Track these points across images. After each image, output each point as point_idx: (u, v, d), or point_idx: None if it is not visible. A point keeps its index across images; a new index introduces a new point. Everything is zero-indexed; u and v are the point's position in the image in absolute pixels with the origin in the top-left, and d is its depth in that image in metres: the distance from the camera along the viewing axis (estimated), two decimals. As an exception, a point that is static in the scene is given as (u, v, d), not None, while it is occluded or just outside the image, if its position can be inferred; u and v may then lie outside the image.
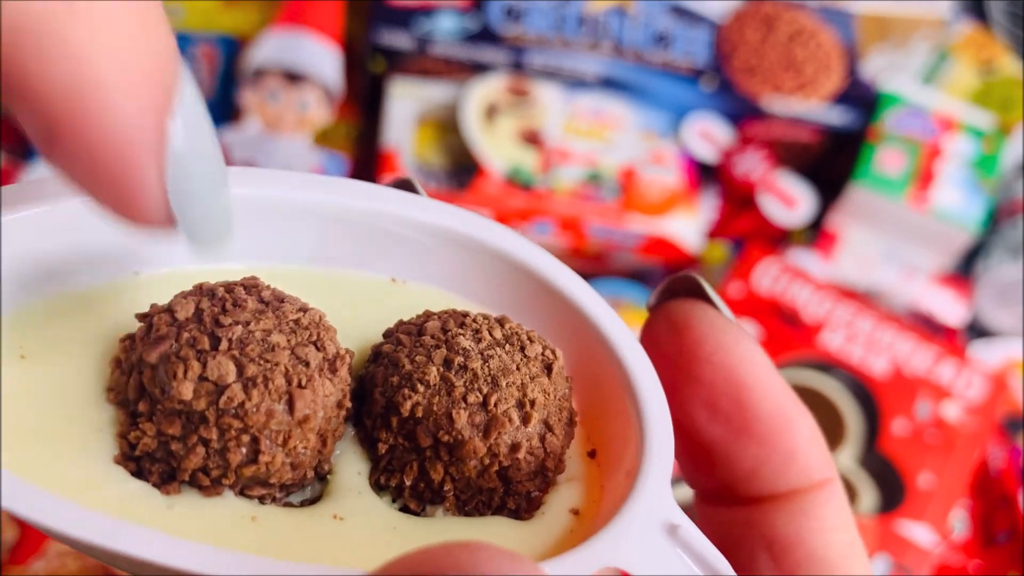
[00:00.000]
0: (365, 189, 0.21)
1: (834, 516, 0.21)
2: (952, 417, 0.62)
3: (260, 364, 0.18)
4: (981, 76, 0.85)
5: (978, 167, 0.75)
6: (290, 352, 0.18)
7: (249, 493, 0.19)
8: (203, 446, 0.18)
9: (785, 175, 0.78)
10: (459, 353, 0.20)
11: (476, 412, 0.19)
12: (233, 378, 0.18)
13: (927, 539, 0.58)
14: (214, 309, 0.19)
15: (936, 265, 0.76)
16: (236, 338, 0.18)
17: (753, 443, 0.21)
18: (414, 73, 0.76)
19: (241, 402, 0.18)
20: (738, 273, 0.68)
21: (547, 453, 0.20)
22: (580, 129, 0.74)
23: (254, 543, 0.18)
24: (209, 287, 0.19)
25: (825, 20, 0.83)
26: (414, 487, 0.20)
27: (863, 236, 0.77)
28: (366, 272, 0.22)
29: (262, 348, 0.18)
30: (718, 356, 0.21)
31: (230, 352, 0.18)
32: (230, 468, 0.18)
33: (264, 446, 0.18)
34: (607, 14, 0.79)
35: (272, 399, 0.18)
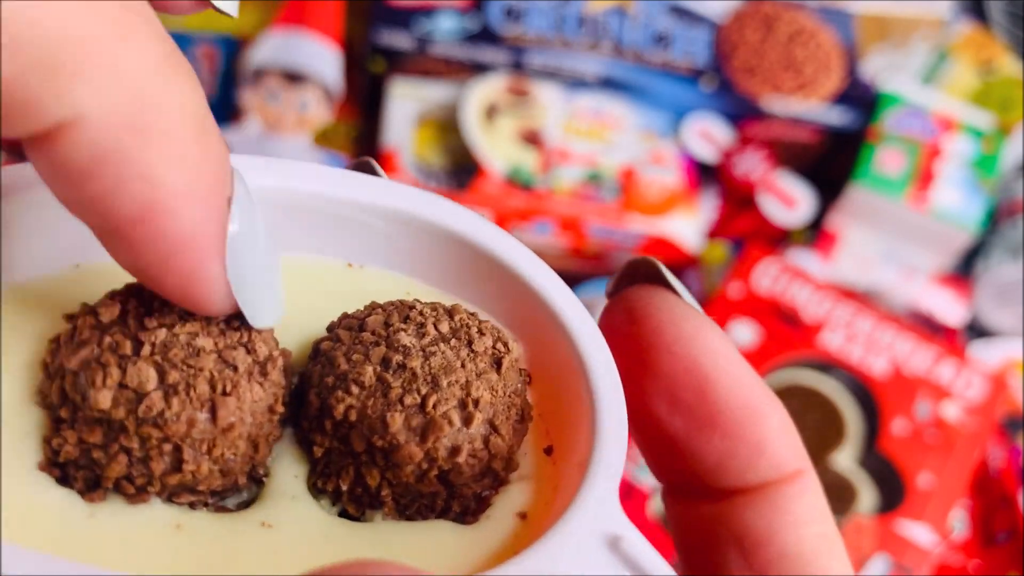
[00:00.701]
0: (317, 171, 0.20)
1: (807, 509, 0.20)
2: (952, 417, 0.62)
3: (183, 370, 0.17)
4: (981, 76, 0.85)
5: (978, 167, 0.75)
6: (216, 356, 0.18)
7: (177, 500, 0.18)
8: (125, 455, 0.17)
9: (785, 175, 0.78)
10: (399, 351, 0.19)
11: (413, 415, 0.18)
12: (153, 385, 0.17)
13: (927, 539, 0.58)
14: (140, 311, 0.18)
15: (936, 265, 0.76)
16: (160, 342, 0.17)
17: (717, 436, 0.20)
18: (414, 73, 0.76)
19: (160, 411, 0.17)
20: (738, 273, 0.68)
21: (492, 454, 0.19)
22: (580, 129, 0.74)
23: (177, 553, 0.18)
24: (138, 287, 0.18)
25: (825, 20, 0.83)
26: (351, 492, 0.19)
27: (863, 236, 0.77)
28: (320, 257, 0.21)
29: (186, 353, 0.17)
30: (678, 346, 0.20)
31: (152, 357, 0.17)
32: (154, 477, 0.18)
33: (187, 455, 0.17)
34: (607, 14, 0.79)
35: (194, 407, 0.17)
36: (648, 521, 0.58)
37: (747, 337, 0.65)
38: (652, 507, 0.58)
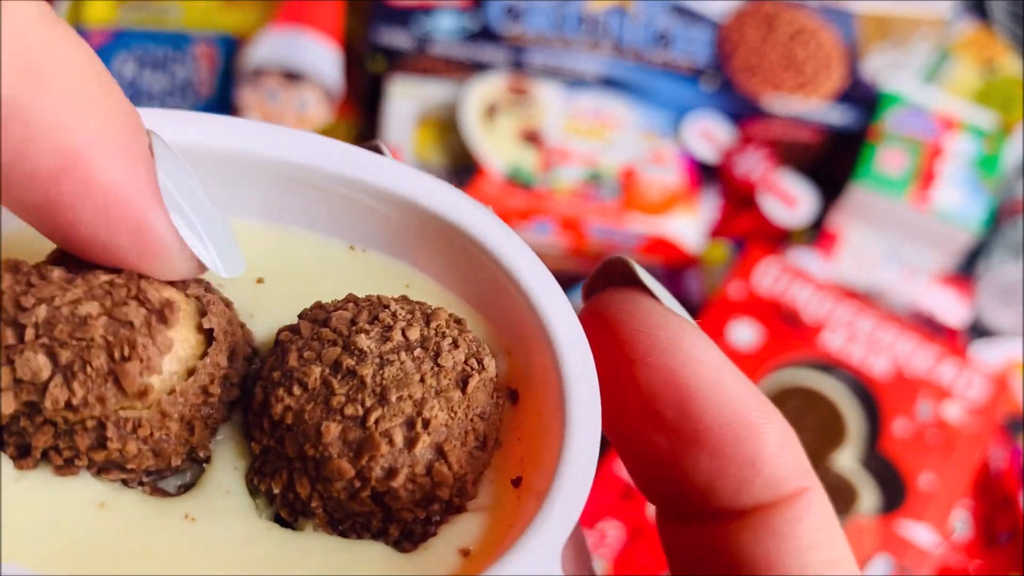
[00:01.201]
0: (326, 147, 0.19)
1: (811, 533, 0.18)
2: (953, 417, 0.62)
3: (73, 345, 0.16)
4: (982, 75, 0.85)
5: (979, 167, 0.75)
6: (107, 319, 0.16)
7: (107, 476, 0.17)
8: (51, 426, 0.17)
9: (786, 175, 0.78)
10: (353, 355, 0.17)
11: (351, 428, 0.17)
12: (48, 372, 0.16)
13: (928, 540, 0.58)
14: (16, 289, 0.16)
15: (937, 265, 0.76)
16: (42, 320, 0.16)
17: (705, 454, 0.18)
18: (414, 72, 0.76)
19: (67, 400, 0.16)
20: (739, 273, 0.68)
21: (436, 482, 0.17)
22: (580, 129, 0.74)
23: (93, 533, 0.17)
24: (12, 262, 0.17)
25: (826, 19, 0.82)
26: (284, 496, 0.18)
27: (864, 236, 0.76)
28: (322, 236, 0.20)
29: (72, 325, 0.16)
30: (654, 356, 0.18)
31: (38, 341, 0.16)
32: (80, 451, 0.17)
33: (111, 432, 0.17)
34: (607, 13, 0.79)
35: (97, 384, 0.16)
36: (648, 524, 0.58)
37: (748, 337, 0.65)
38: (651, 509, 0.58)
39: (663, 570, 0.56)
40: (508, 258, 0.19)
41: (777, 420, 0.18)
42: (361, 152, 0.19)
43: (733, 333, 0.65)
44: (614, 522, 0.57)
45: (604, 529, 0.57)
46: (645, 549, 0.56)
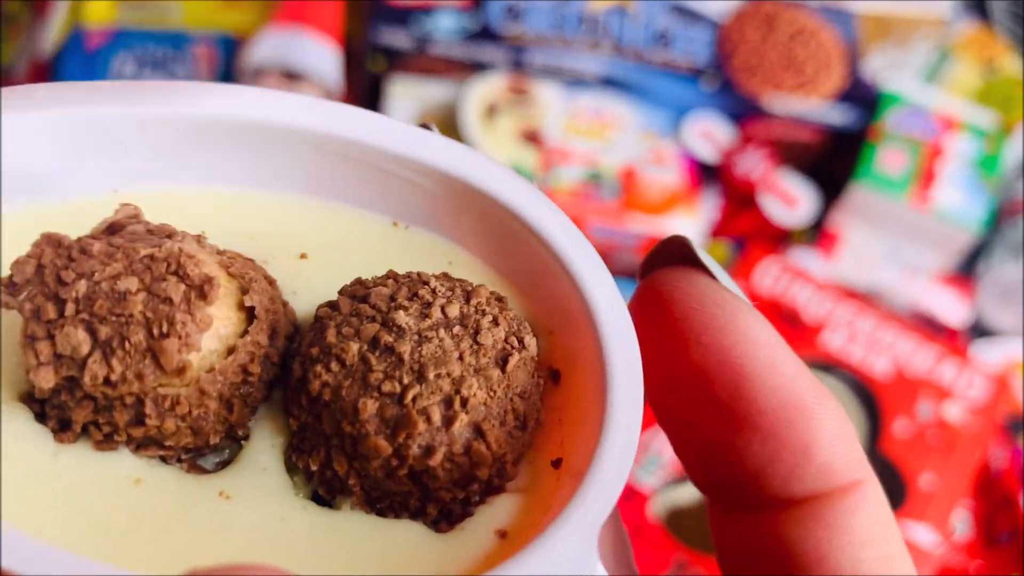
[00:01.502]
0: (370, 122, 0.19)
1: (865, 528, 0.17)
2: (953, 417, 0.62)
3: (113, 321, 0.16)
4: (982, 75, 0.85)
5: (980, 167, 0.75)
6: (146, 294, 0.16)
7: (146, 452, 0.17)
8: (91, 401, 0.17)
9: (786, 174, 0.78)
10: (392, 331, 0.17)
11: (389, 405, 0.17)
12: (88, 347, 0.16)
13: (929, 540, 0.58)
14: (57, 263, 0.16)
15: (937, 265, 0.76)
16: (82, 296, 0.16)
17: (757, 439, 0.17)
18: (414, 72, 0.76)
19: (105, 376, 0.16)
20: (739, 273, 0.68)
21: (474, 461, 0.17)
22: (580, 128, 0.74)
23: (129, 509, 0.17)
24: (54, 235, 0.17)
25: (826, 19, 0.82)
26: (322, 473, 0.18)
27: (864, 236, 0.77)
28: (366, 212, 0.20)
29: (112, 300, 0.16)
30: (709, 335, 0.17)
31: (78, 316, 0.16)
32: (119, 427, 0.17)
33: (150, 409, 0.16)
34: (607, 13, 0.79)
35: (136, 360, 0.16)
36: (648, 523, 0.58)
37: (748, 337, 0.65)
38: (652, 509, 0.58)
39: (663, 570, 0.56)
40: (554, 238, 0.19)
41: (832, 406, 0.18)
42: (407, 127, 0.19)
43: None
44: (614, 522, 0.58)
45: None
46: (646, 549, 0.56)
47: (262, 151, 0.19)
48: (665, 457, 0.60)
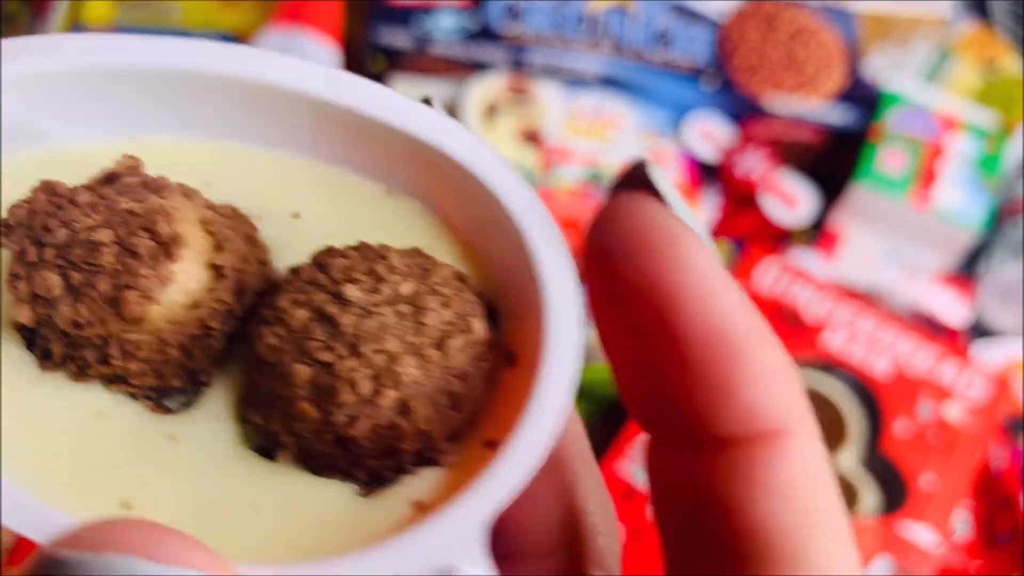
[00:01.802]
0: (367, 90, 0.19)
1: (789, 480, 0.16)
2: (954, 418, 0.62)
3: (84, 269, 0.18)
4: (983, 75, 0.85)
5: (980, 167, 0.75)
6: (117, 247, 0.18)
7: (115, 388, 0.19)
8: (65, 337, 0.18)
9: (786, 174, 0.78)
10: (338, 303, 0.18)
11: (321, 373, 0.17)
12: (59, 291, 0.18)
13: (929, 540, 0.58)
14: (47, 210, 0.18)
15: (938, 265, 0.76)
16: (60, 243, 0.18)
17: (682, 373, 0.16)
18: (414, 72, 0.76)
19: (73, 319, 0.18)
20: (739, 273, 0.68)
21: (400, 436, 0.18)
22: (580, 128, 0.74)
23: (85, 440, 0.18)
24: (51, 184, 0.18)
25: (826, 19, 0.83)
26: (262, 427, 0.19)
27: (865, 236, 0.77)
28: (362, 178, 0.21)
29: (85, 250, 0.18)
30: (645, 260, 0.16)
31: (55, 261, 0.18)
32: (88, 364, 0.18)
33: (113, 351, 0.18)
34: (607, 13, 0.79)
35: (100, 307, 0.18)
36: (648, 525, 0.58)
37: (748, 337, 0.65)
38: (650, 510, 0.58)
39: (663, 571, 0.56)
40: (528, 227, 0.19)
41: (769, 348, 0.16)
42: (404, 99, 0.20)
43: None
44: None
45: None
46: (645, 550, 0.57)
47: (267, 111, 0.20)
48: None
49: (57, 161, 0.19)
